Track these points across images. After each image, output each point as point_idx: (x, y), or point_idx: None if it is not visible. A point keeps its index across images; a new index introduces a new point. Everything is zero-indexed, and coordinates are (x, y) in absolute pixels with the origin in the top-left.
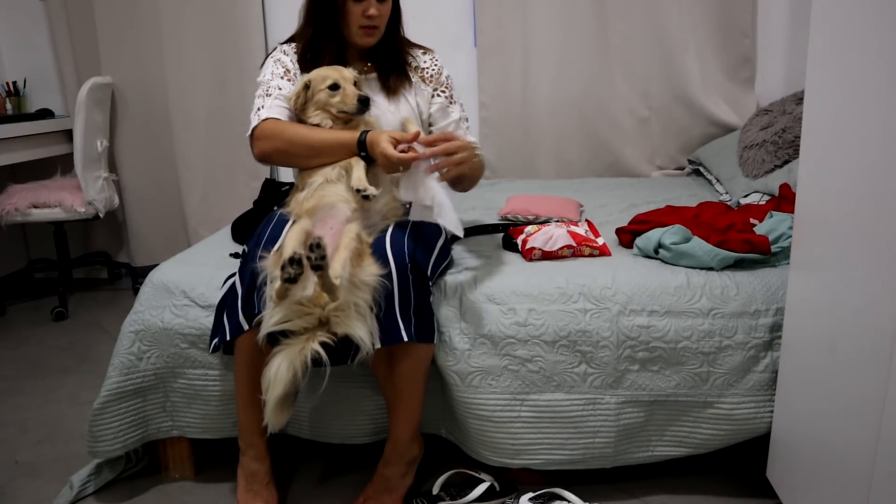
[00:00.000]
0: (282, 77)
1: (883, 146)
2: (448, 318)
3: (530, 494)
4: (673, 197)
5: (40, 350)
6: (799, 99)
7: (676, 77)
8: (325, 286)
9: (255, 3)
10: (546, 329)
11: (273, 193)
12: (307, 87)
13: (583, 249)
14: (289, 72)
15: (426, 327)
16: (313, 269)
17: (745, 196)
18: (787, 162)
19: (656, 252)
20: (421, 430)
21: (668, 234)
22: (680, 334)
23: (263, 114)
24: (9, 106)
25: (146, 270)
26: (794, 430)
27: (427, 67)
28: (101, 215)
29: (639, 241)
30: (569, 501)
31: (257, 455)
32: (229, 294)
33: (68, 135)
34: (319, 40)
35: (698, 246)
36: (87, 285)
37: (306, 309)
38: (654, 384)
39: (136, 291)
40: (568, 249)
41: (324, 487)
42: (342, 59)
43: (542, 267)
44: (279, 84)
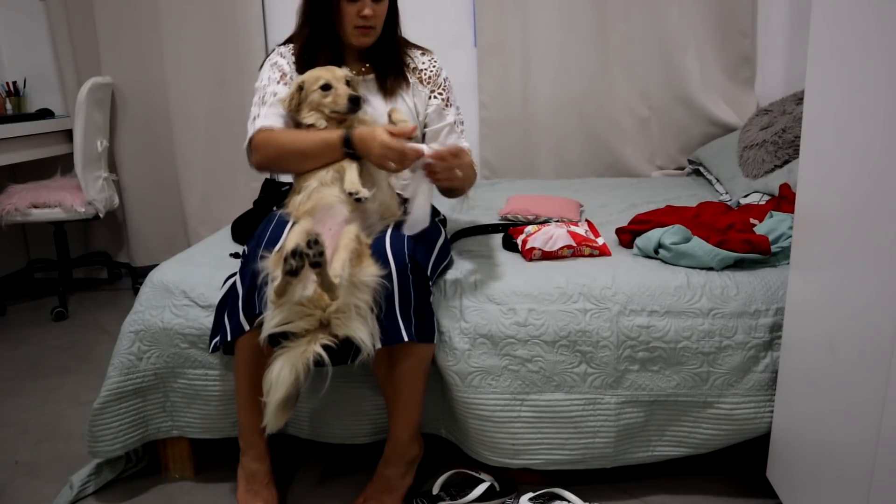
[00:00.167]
0: (278, 81)
1: (883, 146)
2: (448, 318)
3: (530, 494)
4: (673, 197)
5: (40, 350)
6: (799, 99)
7: (676, 77)
8: (325, 284)
9: (255, 3)
10: (546, 329)
11: (273, 193)
12: (301, 88)
13: (583, 249)
14: (285, 75)
15: (426, 327)
16: (312, 266)
17: (745, 196)
18: (787, 162)
19: (656, 252)
20: (421, 430)
21: (668, 234)
22: (680, 334)
23: (258, 123)
24: (9, 106)
25: (146, 270)
26: (794, 430)
27: (425, 69)
28: (101, 215)
29: (639, 241)
30: (569, 501)
31: (258, 455)
32: (230, 294)
33: (68, 135)
34: (316, 41)
35: (698, 246)
36: (87, 285)
37: (307, 310)
38: (654, 384)
39: (136, 291)
40: (568, 249)
41: (324, 487)
42: (339, 60)
43: (542, 267)
44: (275, 90)
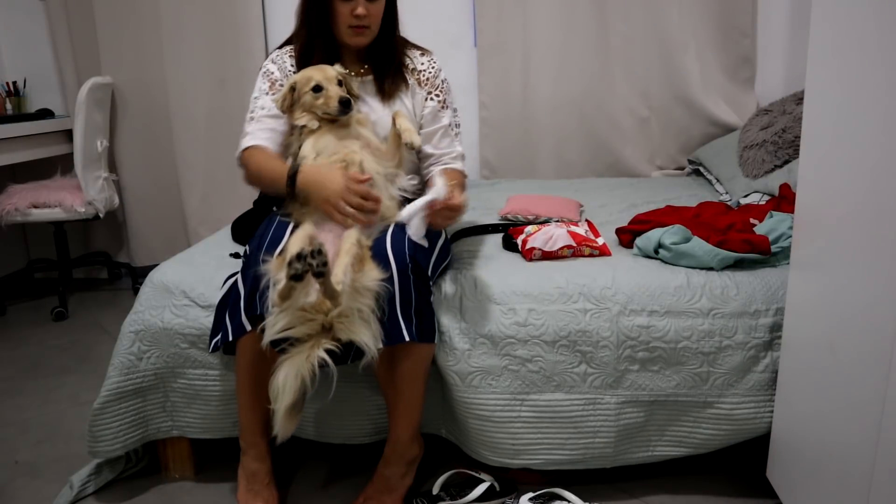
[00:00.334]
0: (267, 92)
1: (883, 146)
2: (448, 318)
3: (530, 494)
4: (673, 197)
5: (40, 350)
6: (799, 99)
7: (676, 77)
8: (328, 292)
9: (255, 3)
10: (546, 329)
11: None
12: (293, 89)
13: (583, 249)
14: (275, 83)
15: (427, 327)
16: (315, 276)
17: (745, 196)
18: (787, 162)
19: (656, 252)
20: (421, 430)
21: (668, 234)
22: (680, 334)
23: (245, 142)
24: (9, 106)
25: (146, 270)
26: (794, 430)
27: (424, 69)
28: (101, 215)
29: (639, 241)
30: (569, 501)
31: (258, 455)
32: (230, 294)
33: (68, 135)
34: (312, 41)
35: (698, 246)
36: (87, 285)
37: (309, 315)
38: (654, 384)
39: (136, 291)
40: (568, 249)
41: (324, 487)
42: (336, 61)
43: (542, 267)
44: (263, 104)
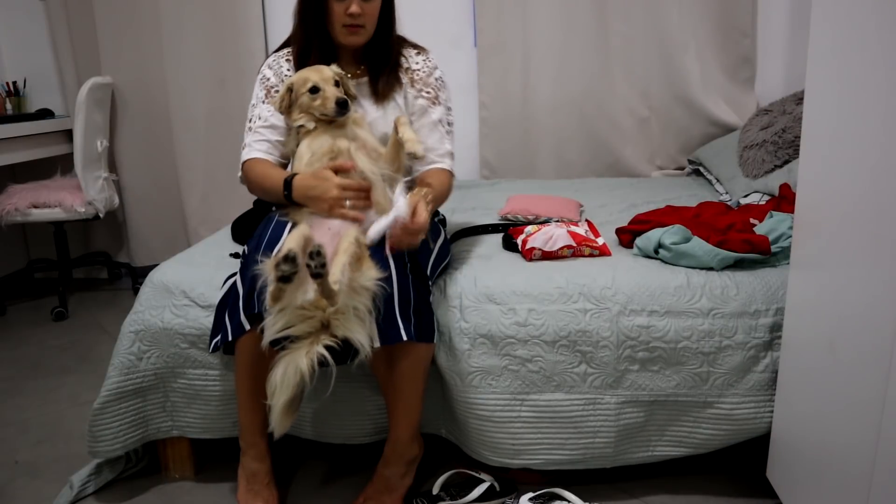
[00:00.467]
0: (263, 100)
1: (883, 146)
2: (448, 318)
3: (530, 494)
4: (673, 197)
5: (40, 350)
6: (799, 99)
7: (676, 77)
8: (325, 292)
9: (255, 3)
10: (546, 329)
11: None
12: (290, 90)
13: (583, 249)
14: (270, 90)
15: (426, 327)
16: (313, 277)
17: (745, 196)
18: (787, 162)
19: (656, 252)
20: (421, 430)
21: (668, 234)
22: (680, 334)
23: (244, 154)
24: (9, 106)
25: (146, 270)
26: (794, 430)
27: (419, 69)
28: (101, 215)
29: (639, 241)
30: (569, 501)
31: (258, 455)
32: (230, 294)
33: (68, 135)
34: (309, 42)
35: (698, 246)
36: (87, 285)
37: (308, 313)
38: (654, 384)
39: (136, 291)
40: (568, 249)
41: (324, 487)
42: (333, 62)
43: (542, 267)
44: (259, 113)
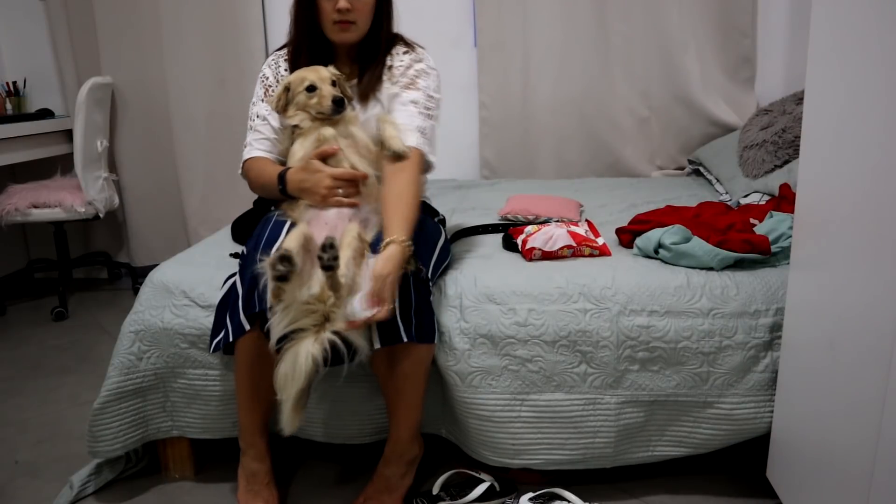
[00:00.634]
0: (262, 99)
1: (883, 146)
2: (448, 318)
3: (530, 494)
4: (673, 197)
5: (40, 350)
6: (799, 99)
7: (676, 77)
8: (333, 285)
9: (255, 3)
10: (546, 329)
11: None
12: (287, 89)
13: (583, 249)
14: (269, 89)
15: (426, 327)
16: (324, 269)
17: (745, 196)
18: (787, 162)
19: (656, 252)
20: (421, 430)
21: (668, 234)
22: (680, 334)
23: (245, 153)
24: (9, 106)
25: (146, 270)
26: (794, 430)
27: (400, 65)
28: (101, 215)
29: (639, 241)
30: (569, 501)
31: (258, 455)
32: (230, 294)
33: (68, 135)
34: (304, 42)
35: (698, 246)
36: (87, 285)
37: (311, 307)
38: (654, 384)
39: (136, 291)
40: (568, 249)
41: (324, 487)
42: (329, 62)
43: (542, 267)
44: (258, 111)
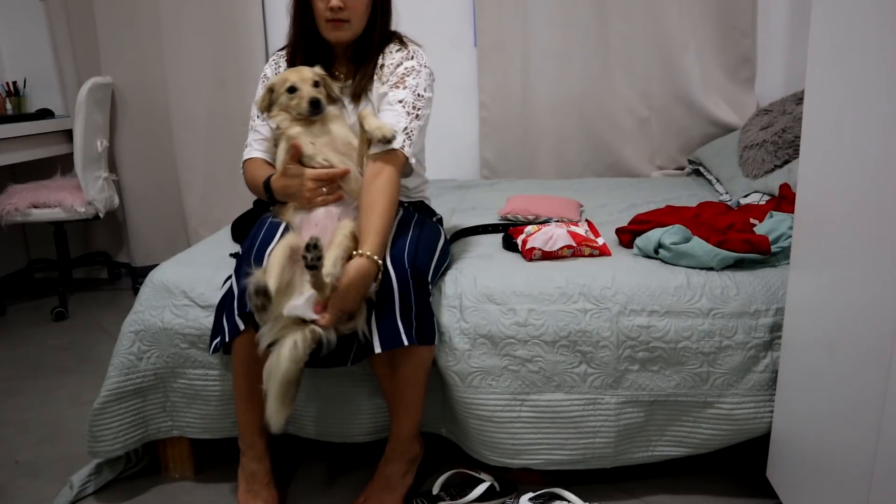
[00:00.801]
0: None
1: (883, 146)
2: (448, 318)
3: (530, 494)
4: (673, 197)
5: (40, 350)
6: (799, 99)
7: (676, 77)
8: (317, 284)
9: (255, 3)
10: (546, 329)
11: None
12: (271, 90)
13: (583, 249)
14: None
15: (427, 329)
16: (308, 269)
17: (745, 196)
18: (787, 162)
19: (656, 252)
20: (421, 430)
21: (668, 234)
22: (680, 334)
23: (244, 154)
24: (9, 106)
25: (146, 270)
26: (794, 430)
27: (390, 63)
28: (101, 215)
29: (639, 241)
30: (569, 501)
31: (257, 455)
32: (227, 294)
33: (68, 135)
34: (298, 41)
35: (698, 246)
36: (87, 285)
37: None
38: (654, 384)
39: (136, 291)
40: (568, 249)
41: (324, 487)
42: (327, 62)
43: (542, 267)
44: (256, 112)
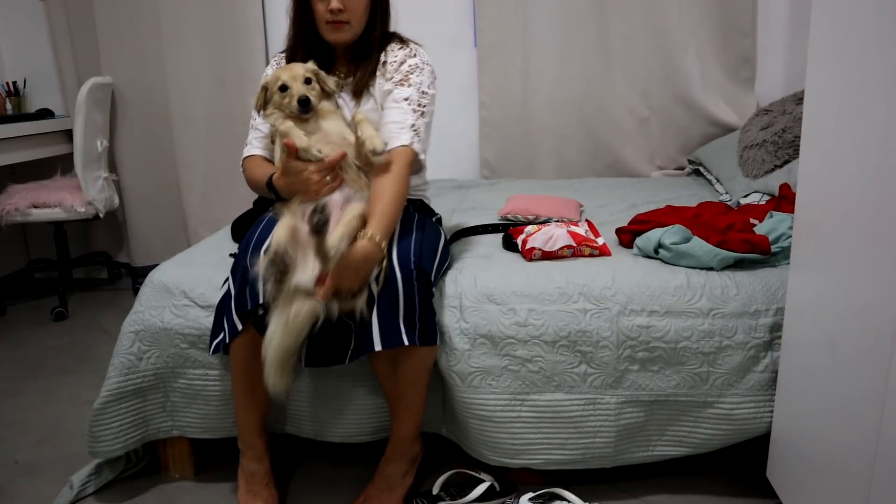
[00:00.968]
0: None
1: (883, 146)
2: (448, 318)
3: (530, 494)
4: (673, 197)
5: (40, 350)
6: (799, 99)
7: (676, 77)
8: (319, 251)
9: (255, 3)
10: (546, 329)
11: None
12: (265, 89)
13: (583, 249)
14: None
15: (428, 330)
16: (313, 232)
17: (745, 196)
18: (787, 162)
19: (656, 252)
20: (422, 430)
21: (668, 234)
22: (680, 334)
23: (244, 152)
24: (9, 106)
25: (146, 270)
26: (794, 430)
27: (393, 61)
28: (101, 215)
29: (639, 241)
30: (569, 501)
31: (256, 455)
32: (227, 295)
33: (68, 135)
34: (298, 42)
35: (698, 246)
36: (87, 285)
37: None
38: (654, 384)
39: (136, 291)
40: (568, 249)
41: (324, 487)
42: (327, 62)
43: (542, 267)
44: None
